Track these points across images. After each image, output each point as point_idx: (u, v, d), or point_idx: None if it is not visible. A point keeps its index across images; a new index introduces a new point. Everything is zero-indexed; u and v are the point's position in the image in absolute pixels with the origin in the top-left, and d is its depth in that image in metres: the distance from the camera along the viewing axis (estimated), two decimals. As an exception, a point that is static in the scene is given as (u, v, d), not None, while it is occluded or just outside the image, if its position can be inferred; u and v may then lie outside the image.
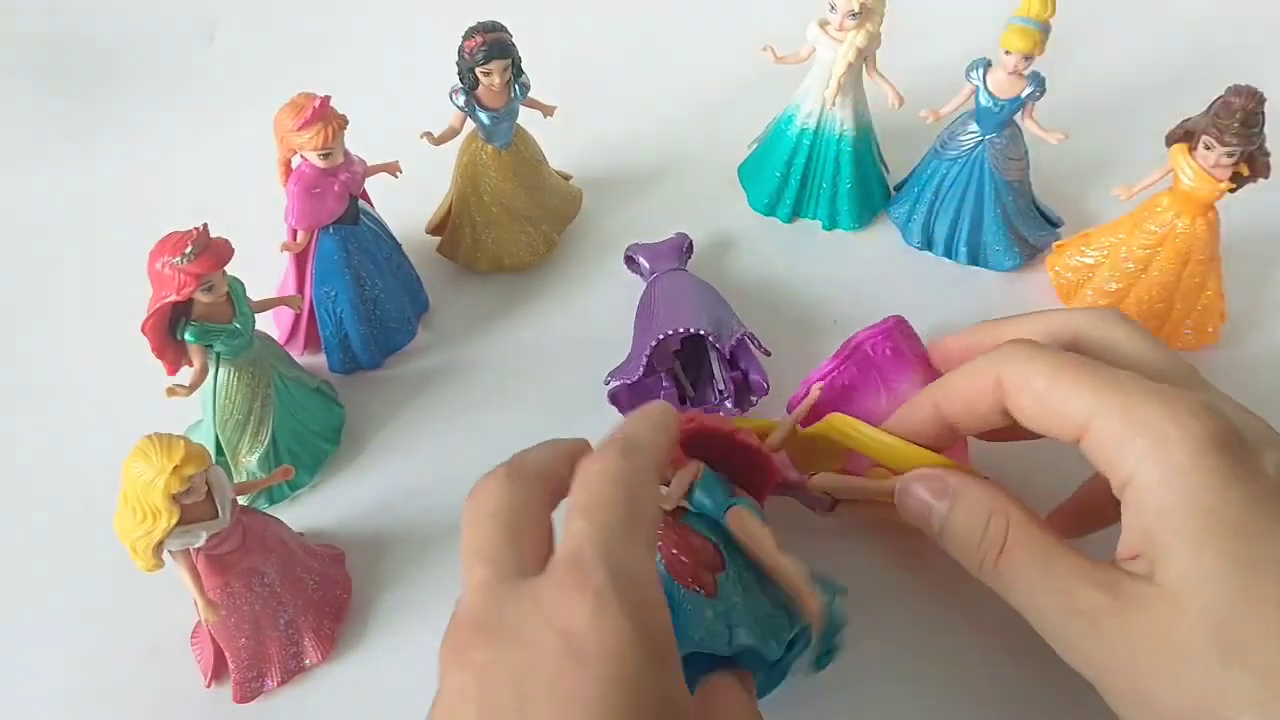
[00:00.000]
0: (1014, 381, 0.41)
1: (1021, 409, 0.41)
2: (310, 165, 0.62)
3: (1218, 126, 0.61)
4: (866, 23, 0.69)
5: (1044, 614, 0.38)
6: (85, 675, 0.56)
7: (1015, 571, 0.39)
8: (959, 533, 0.41)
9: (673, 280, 0.69)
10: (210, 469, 0.49)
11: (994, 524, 0.39)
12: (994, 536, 0.39)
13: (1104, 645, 0.36)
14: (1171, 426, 0.36)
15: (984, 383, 0.43)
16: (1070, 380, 0.40)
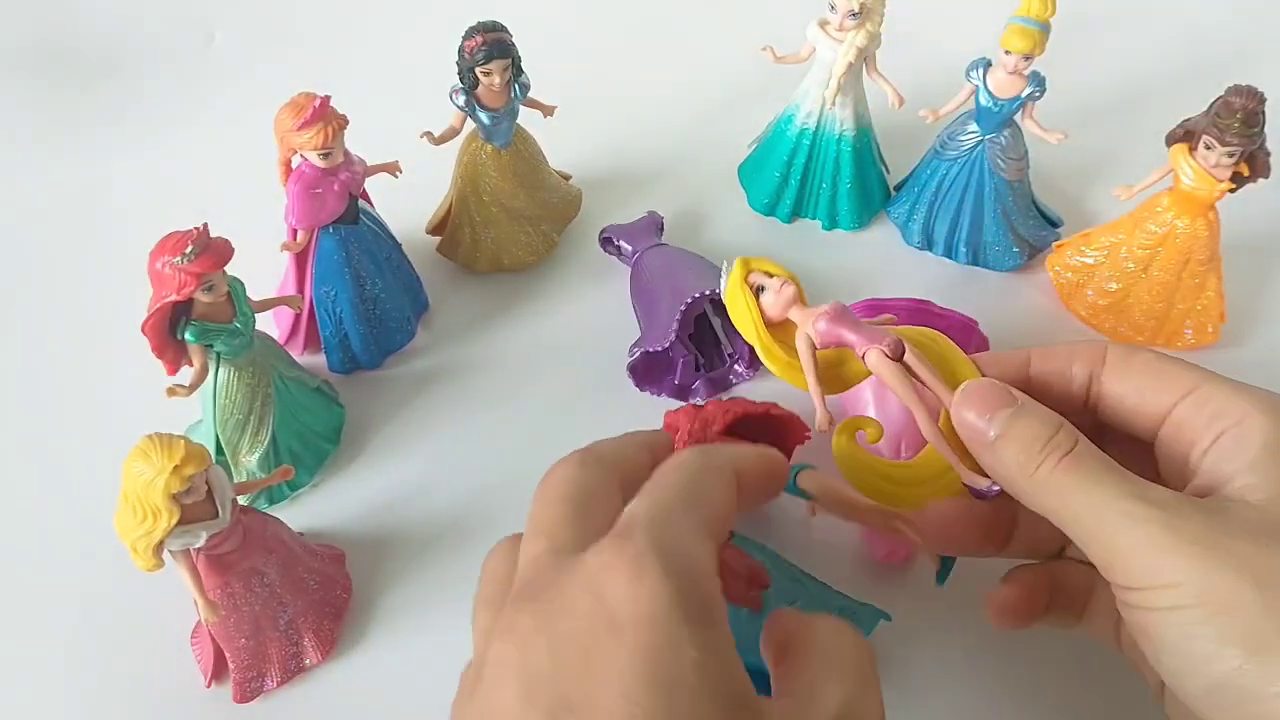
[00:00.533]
0: (1120, 352, 0.42)
1: (1124, 379, 0.41)
2: (310, 165, 0.62)
3: (1218, 126, 0.61)
4: (866, 22, 0.69)
5: (1107, 516, 0.36)
6: (85, 675, 0.56)
7: (1082, 470, 0.37)
8: (1023, 435, 0.38)
9: (659, 255, 0.69)
10: (210, 469, 0.49)
11: (1065, 431, 0.38)
12: (1062, 439, 0.38)
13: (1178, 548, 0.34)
14: (1274, 396, 0.38)
15: (1088, 350, 0.43)
16: (1183, 362, 0.41)
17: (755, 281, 0.43)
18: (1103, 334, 0.71)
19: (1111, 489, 0.36)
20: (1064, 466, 0.37)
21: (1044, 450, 0.37)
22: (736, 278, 0.44)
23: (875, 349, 0.41)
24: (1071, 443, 0.37)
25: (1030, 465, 0.38)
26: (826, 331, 0.43)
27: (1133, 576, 0.35)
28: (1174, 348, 0.70)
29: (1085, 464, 0.37)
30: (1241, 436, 0.37)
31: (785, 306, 0.43)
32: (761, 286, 0.43)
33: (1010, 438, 0.38)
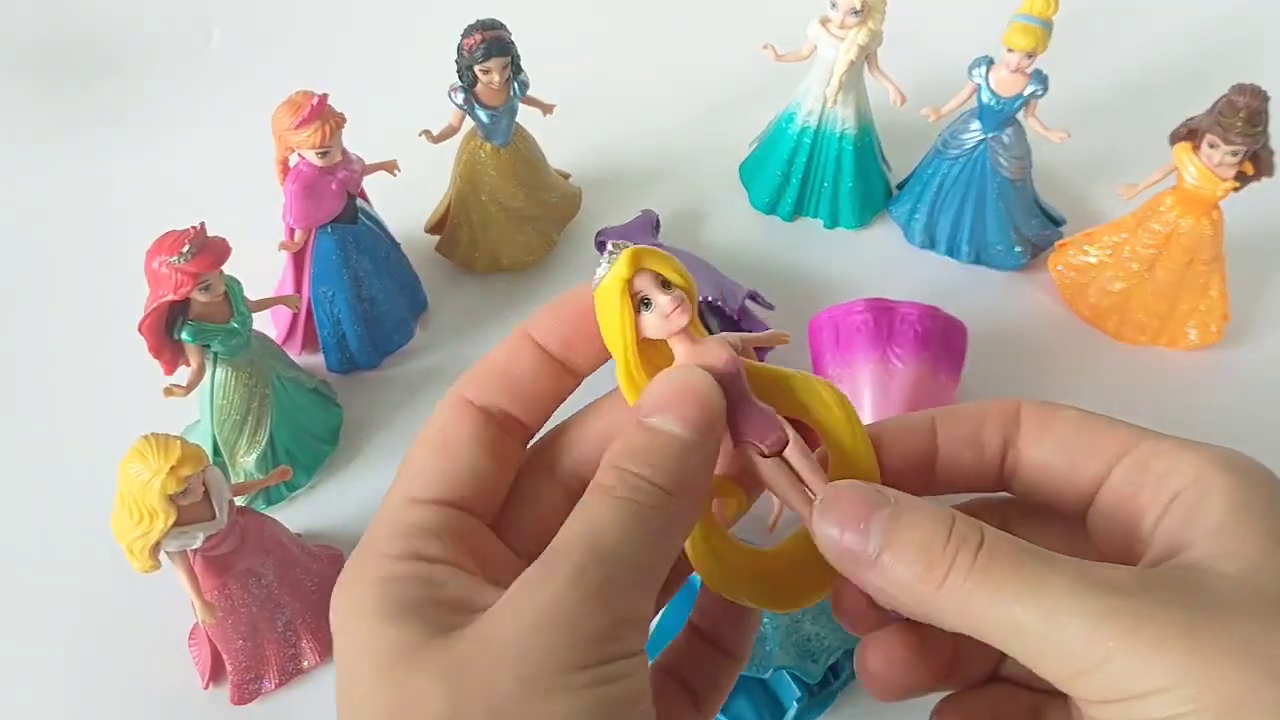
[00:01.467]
0: (1037, 411, 0.34)
1: (1045, 442, 0.34)
2: (308, 164, 0.62)
3: (1222, 125, 0.61)
4: (868, 20, 0.69)
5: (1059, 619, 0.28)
6: (83, 677, 0.56)
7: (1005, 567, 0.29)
8: (913, 540, 0.30)
9: None
10: (207, 470, 0.49)
11: (960, 523, 0.30)
12: (965, 534, 0.29)
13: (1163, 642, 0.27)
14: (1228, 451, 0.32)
15: (999, 409, 0.35)
16: (1109, 419, 0.34)
17: (641, 291, 0.32)
18: (1106, 333, 0.71)
19: (1054, 582, 0.28)
20: (981, 568, 0.29)
21: (946, 553, 0.29)
22: (617, 278, 0.32)
23: (749, 444, 0.33)
24: (977, 536, 0.29)
25: (934, 577, 0.29)
26: None
27: (1109, 688, 0.27)
28: (1177, 347, 0.70)
29: (1006, 558, 0.29)
30: (1200, 498, 0.30)
31: (669, 333, 0.32)
32: (647, 300, 0.32)
33: (897, 548, 0.30)
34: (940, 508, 0.31)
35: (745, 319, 0.66)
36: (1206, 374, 0.69)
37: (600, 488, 0.29)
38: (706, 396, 0.31)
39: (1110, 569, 0.28)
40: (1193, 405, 0.67)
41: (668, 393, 0.31)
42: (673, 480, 0.29)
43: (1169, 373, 0.69)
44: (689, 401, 0.31)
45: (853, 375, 0.62)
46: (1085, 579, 0.28)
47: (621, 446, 0.30)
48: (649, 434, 0.30)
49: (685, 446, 0.30)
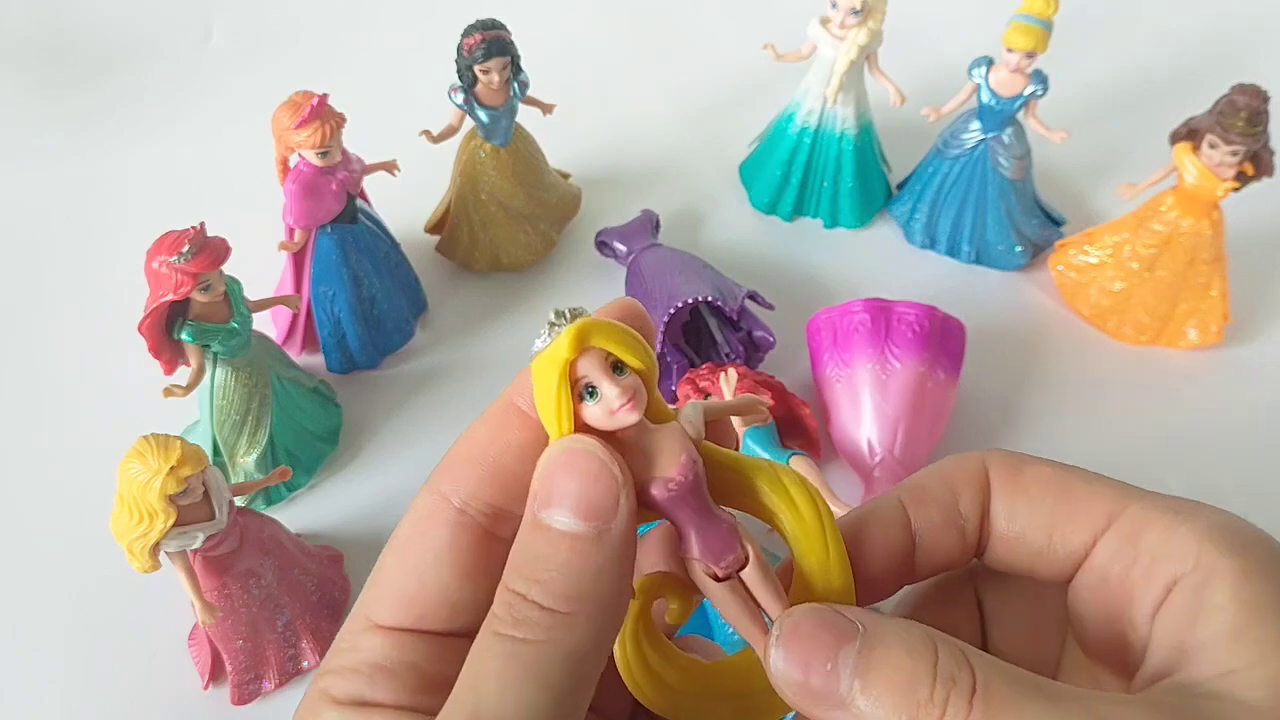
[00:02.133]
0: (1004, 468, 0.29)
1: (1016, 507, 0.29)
2: (308, 164, 0.62)
3: (1222, 125, 0.61)
4: (868, 20, 0.69)
5: None
6: (83, 678, 0.56)
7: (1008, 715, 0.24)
8: (893, 680, 0.24)
9: (654, 256, 0.69)
10: (207, 470, 0.49)
11: (944, 656, 0.24)
12: (953, 670, 0.24)
13: None
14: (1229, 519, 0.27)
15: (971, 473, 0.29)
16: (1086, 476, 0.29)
17: (585, 377, 0.26)
18: (1106, 333, 0.71)
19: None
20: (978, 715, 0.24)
21: (935, 701, 0.24)
22: (555, 359, 0.25)
23: (699, 564, 0.27)
24: (967, 676, 0.24)
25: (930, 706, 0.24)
26: (663, 502, 0.27)
27: None
28: (1177, 347, 0.70)
29: (1004, 706, 0.24)
30: (1202, 589, 0.26)
31: (614, 429, 0.26)
32: (591, 388, 0.26)
33: (874, 692, 0.24)
34: (918, 635, 0.25)
35: (744, 319, 0.66)
36: (1207, 374, 0.69)
37: (489, 622, 0.24)
38: (600, 472, 0.25)
39: (1121, 705, 0.24)
40: (1193, 405, 0.67)
41: (552, 476, 0.25)
42: (565, 596, 0.24)
43: (1169, 373, 0.69)
44: (579, 482, 0.25)
45: (851, 375, 0.62)
46: None
47: (514, 556, 0.25)
48: (539, 535, 0.25)
49: (578, 544, 0.24)
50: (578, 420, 0.26)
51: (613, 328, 0.26)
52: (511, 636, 0.24)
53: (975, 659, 0.25)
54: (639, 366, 0.26)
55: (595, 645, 0.24)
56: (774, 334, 0.65)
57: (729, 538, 0.27)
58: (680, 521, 0.27)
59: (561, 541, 0.24)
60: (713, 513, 0.27)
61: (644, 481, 0.26)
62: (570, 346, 0.25)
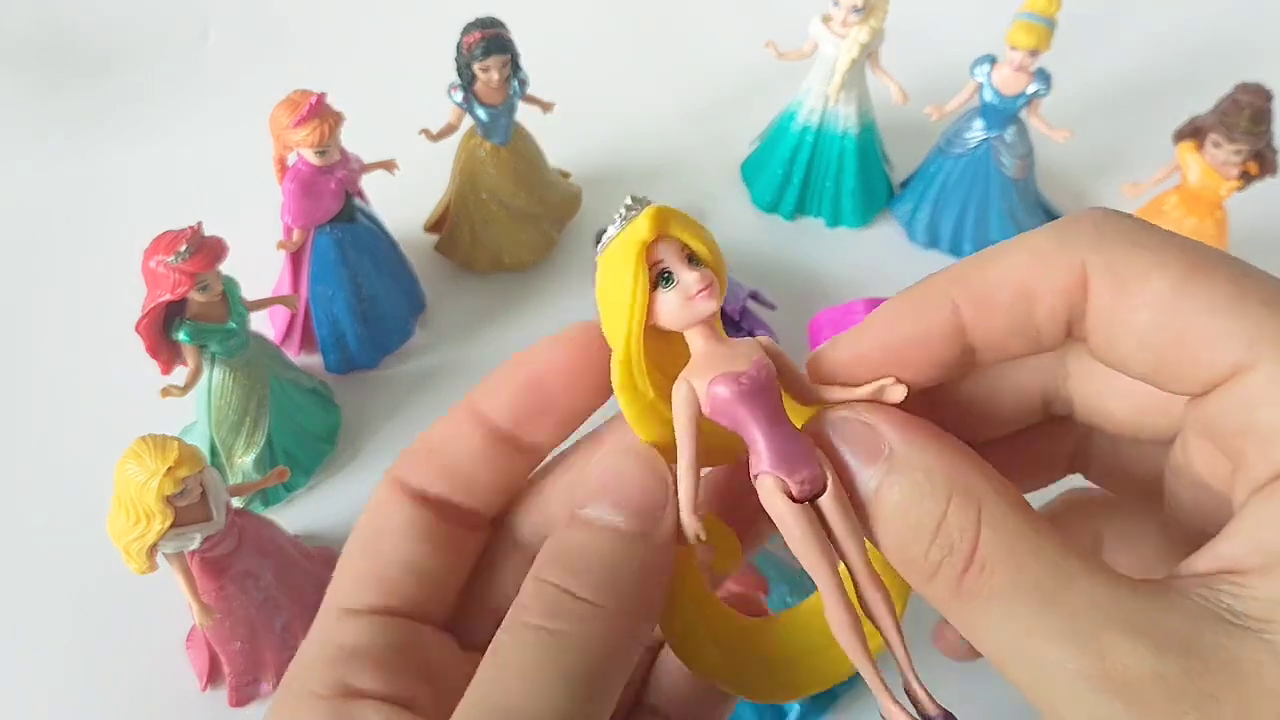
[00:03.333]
0: (1117, 284, 0.22)
1: (1119, 344, 0.23)
2: (306, 163, 0.61)
3: (1226, 124, 0.61)
4: (870, 18, 0.68)
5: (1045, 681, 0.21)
6: (80, 679, 0.55)
7: (991, 604, 0.21)
8: (895, 524, 0.23)
9: None
10: (205, 471, 0.48)
11: (954, 515, 0.22)
12: (955, 537, 0.22)
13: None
14: None
15: (1057, 276, 0.23)
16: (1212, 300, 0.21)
17: (662, 262, 0.24)
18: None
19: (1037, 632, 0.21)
20: (967, 588, 0.22)
21: (928, 559, 0.22)
22: (634, 240, 0.24)
23: (772, 476, 0.24)
24: (969, 541, 0.22)
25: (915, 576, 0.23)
26: (723, 405, 0.24)
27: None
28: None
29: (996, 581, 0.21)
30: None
31: (692, 323, 0.24)
32: (667, 274, 0.24)
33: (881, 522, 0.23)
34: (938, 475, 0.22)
35: (746, 319, 0.65)
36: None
37: (515, 612, 0.23)
38: (650, 472, 0.24)
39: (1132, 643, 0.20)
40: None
41: (605, 474, 0.25)
42: (604, 589, 0.23)
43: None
44: (631, 481, 0.24)
45: None
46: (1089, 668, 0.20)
47: (550, 550, 0.24)
48: (581, 529, 0.24)
49: (622, 540, 0.23)
50: (650, 316, 0.24)
51: (687, 217, 0.25)
52: (543, 627, 0.22)
53: (992, 523, 0.22)
54: (713, 262, 0.25)
55: (627, 646, 0.23)
56: (776, 334, 0.65)
57: (808, 452, 0.24)
58: (749, 427, 0.24)
59: (604, 535, 0.24)
60: (788, 423, 0.24)
61: (714, 380, 0.24)
62: (651, 228, 0.24)
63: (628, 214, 0.25)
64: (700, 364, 0.24)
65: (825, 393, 0.25)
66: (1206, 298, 0.21)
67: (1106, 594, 0.20)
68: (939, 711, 0.24)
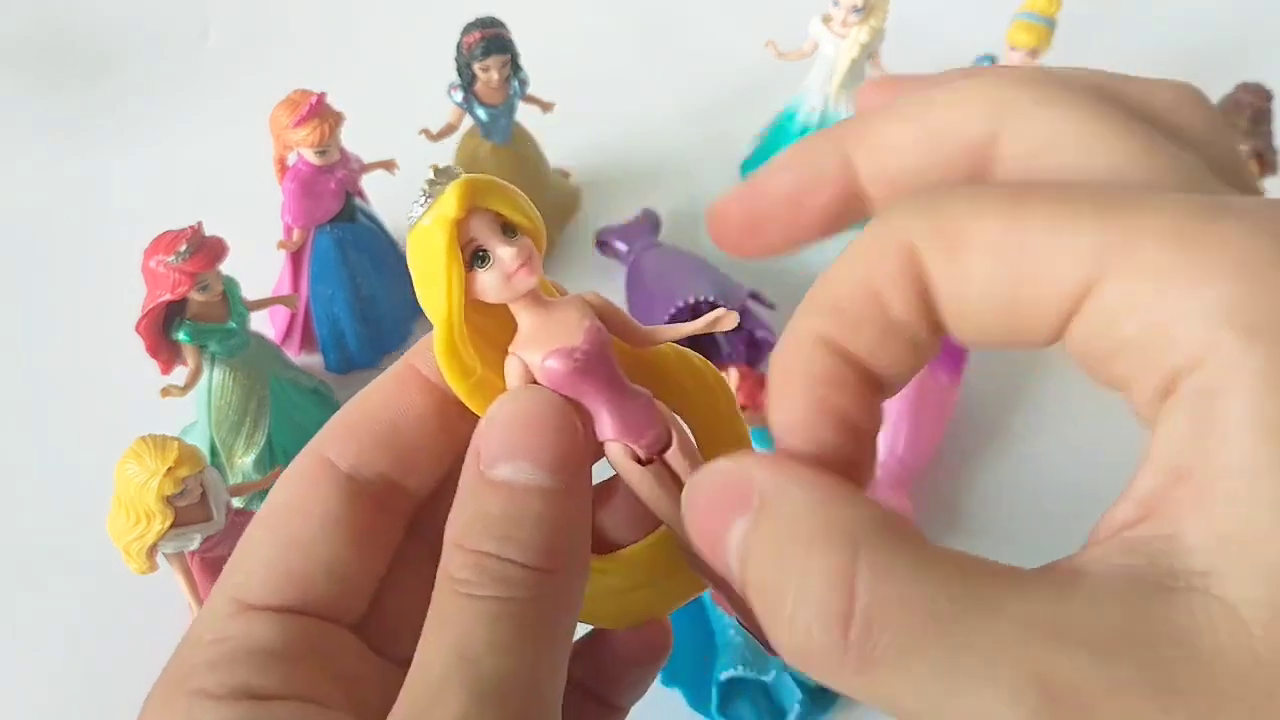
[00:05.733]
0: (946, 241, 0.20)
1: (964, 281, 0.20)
2: (306, 162, 0.61)
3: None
4: (870, 18, 0.68)
5: None
6: (78, 679, 0.55)
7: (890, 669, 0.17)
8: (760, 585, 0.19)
9: (654, 256, 0.69)
10: (205, 471, 0.48)
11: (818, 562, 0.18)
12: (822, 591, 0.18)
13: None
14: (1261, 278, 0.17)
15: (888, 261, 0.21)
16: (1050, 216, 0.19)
17: (475, 240, 0.23)
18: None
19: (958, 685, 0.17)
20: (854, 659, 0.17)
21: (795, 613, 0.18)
22: (442, 219, 0.22)
23: (619, 444, 0.24)
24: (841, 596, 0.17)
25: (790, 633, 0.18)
26: (558, 379, 0.23)
27: None
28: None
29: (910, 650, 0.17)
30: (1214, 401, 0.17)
31: (512, 298, 0.23)
32: (483, 253, 0.23)
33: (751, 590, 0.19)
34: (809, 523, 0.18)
35: (746, 319, 0.65)
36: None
37: (454, 585, 0.21)
38: (561, 420, 0.23)
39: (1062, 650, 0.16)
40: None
41: (511, 429, 0.22)
42: (545, 551, 0.21)
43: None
44: (545, 435, 0.22)
45: None
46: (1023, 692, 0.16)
47: (469, 517, 0.22)
48: (503, 493, 0.22)
49: (551, 499, 0.22)
50: (468, 294, 0.23)
51: (498, 184, 0.23)
52: (495, 597, 0.21)
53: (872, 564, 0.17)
54: (530, 226, 0.23)
55: (577, 601, 0.22)
56: (776, 334, 0.65)
57: (649, 411, 0.24)
58: (589, 398, 0.23)
59: (530, 496, 0.22)
60: (625, 385, 0.24)
61: (548, 355, 0.23)
62: (458, 204, 0.22)
63: (432, 189, 0.23)
64: (529, 337, 0.24)
65: (657, 334, 0.24)
66: (1038, 213, 0.19)
67: (1024, 609, 0.17)
68: None
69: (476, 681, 0.20)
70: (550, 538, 0.22)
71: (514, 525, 0.21)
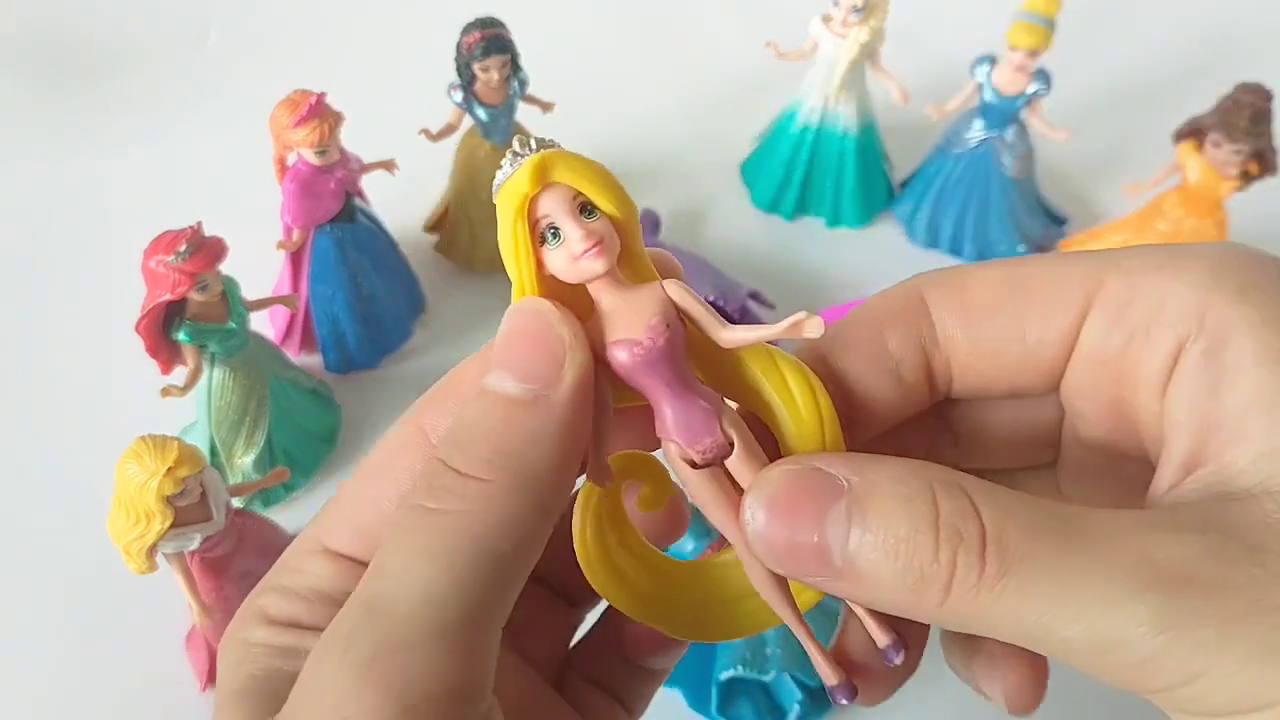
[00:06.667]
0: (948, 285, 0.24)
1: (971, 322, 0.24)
2: (306, 163, 0.61)
3: (1226, 124, 0.61)
4: (870, 18, 0.68)
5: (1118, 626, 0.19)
6: (79, 679, 0.55)
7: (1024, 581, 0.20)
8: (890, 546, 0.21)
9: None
10: (204, 471, 0.48)
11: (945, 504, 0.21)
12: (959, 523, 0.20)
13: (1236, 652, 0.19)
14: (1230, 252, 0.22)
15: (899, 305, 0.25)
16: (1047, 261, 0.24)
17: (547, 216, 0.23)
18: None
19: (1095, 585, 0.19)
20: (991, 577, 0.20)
21: (940, 562, 0.20)
22: (515, 193, 0.23)
23: (676, 444, 0.23)
24: (975, 527, 0.20)
25: (932, 594, 0.20)
26: (622, 370, 0.23)
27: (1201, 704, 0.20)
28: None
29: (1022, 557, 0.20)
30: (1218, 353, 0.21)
31: (583, 279, 0.23)
32: (554, 229, 0.23)
33: (877, 555, 0.21)
34: (913, 480, 0.21)
35: (746, 318, 0.65)
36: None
37: (406, 494, 0.22)
38: (543, 333, 0.22)
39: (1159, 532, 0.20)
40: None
41: (500, 342, 0.23)
42: (486, 462, 0.21)
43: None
44: (521, 344, 0.22)
45: None
46: (1138, 572, 0.19)
47: (449, 423, 0.23)
48: (477, 400, 0.22)
49: (511, 407, 0.22)
50: (540, 268, 0.23)
51: (582, 162, 0.24)
52: (423, 506, 0.21)
53: (984, 500, 0.21)
54: (613, 211, 0.23)
55: (514, 527, 0.21)
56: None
57: (708, 418, 0.23)
58: (650, 393, 0.23)
59: (495, 404, 0.22)
60: (690, 387, 0.23)
61: (612, 345, 0.23)
62: (531, 180, 0.22)
63: (514, 160, 0.23)
64: (600, 321, 0.23)
65: (737, 334, 0.23)
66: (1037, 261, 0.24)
67: (1114, 520, 0.20)
68: (842, 679, 0.24)
69: (371, 600, 0.20)
70: (495, 446, 0.21)
71: (468, 430, 0.22)
